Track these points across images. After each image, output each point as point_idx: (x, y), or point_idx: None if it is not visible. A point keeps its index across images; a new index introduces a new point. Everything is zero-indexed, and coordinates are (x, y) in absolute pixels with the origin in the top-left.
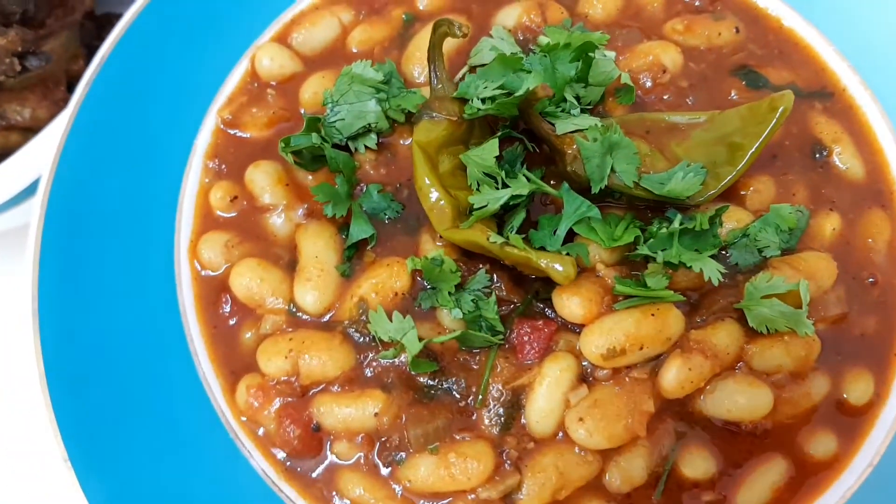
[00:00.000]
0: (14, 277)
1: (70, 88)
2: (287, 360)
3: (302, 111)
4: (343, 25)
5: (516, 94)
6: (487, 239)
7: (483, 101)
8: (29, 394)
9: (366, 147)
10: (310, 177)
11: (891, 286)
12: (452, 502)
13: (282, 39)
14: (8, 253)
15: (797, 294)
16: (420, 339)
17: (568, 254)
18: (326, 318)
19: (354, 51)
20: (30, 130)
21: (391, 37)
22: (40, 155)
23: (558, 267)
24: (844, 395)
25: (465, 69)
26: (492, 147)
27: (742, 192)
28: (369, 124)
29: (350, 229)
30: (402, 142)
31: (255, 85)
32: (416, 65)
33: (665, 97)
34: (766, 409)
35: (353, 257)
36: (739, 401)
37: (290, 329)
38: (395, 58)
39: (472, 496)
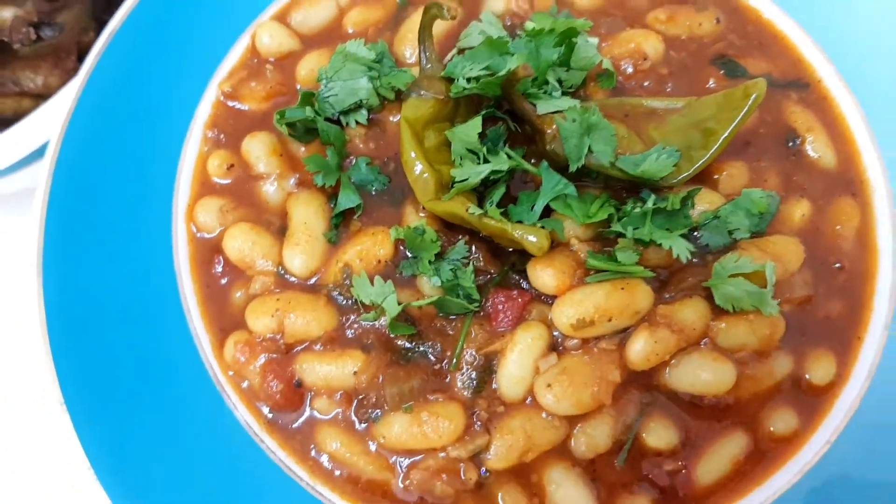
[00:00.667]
0: (22, 236)
1: (80, 59)
2: (273, 319)
3: (298, 86)
4: (340, 7)
5: (499, 74)
6: (467, 210)
7: (468, 80)
8: (29, 393)
9: (356, 122)
10: (302, 148)
11: (857, 272)
12: (424, 460)
13: (281, 18)
14: (17, 213)
15: (763, 274)
16: (399, 304)
17: (543, 227)
18: (312, 281)
19: (350, 31)
20: (41, 97)
21: (385, 19)
22: (49, 120)
23: (532, 238)
24: (807, 375)
25: (454, 51)
26: (475, 124)
27: (715, 177)
28: (361, 100)
29: (338, 198)
30: (391, 118)
31: (255, 60)
32: (408, 46)
33: (645, 83)
34: (729, 384)
35: (340, 225)
36: (703, 375)
37: (278, 290)
38: (388, 39)
39: (443, 454)
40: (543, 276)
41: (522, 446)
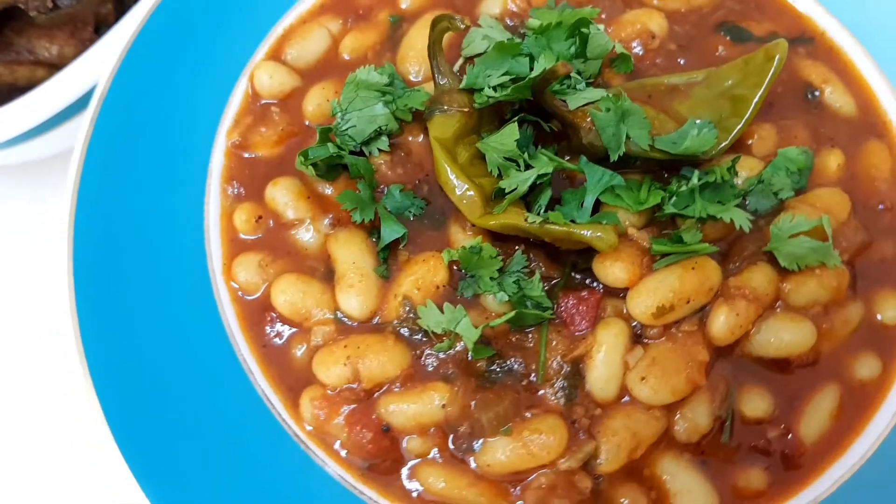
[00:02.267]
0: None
1: (97, 30)
2: (346, 367)
3: (307, 123)
4: (332, 35)
5: (530, 77)
6: (525, 220)
7: (494, 88)
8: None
9: (379, 150)
10: (328, 188)
11: None
12: (535, 479)
13: (276, 56)
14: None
15: (821, 229)
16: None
17: (605, 222)
18: (375, 320)
19: (347, 58)
20: (55, 67)
21: (381, 40)
22: (64, 91)
23: (601, 235)
24: (878, 317)
25: (460, 61)
26: (511, 132)
27: (748, 142)
28: (380, 127)
29: (381, 231)
30: (410, 139)
31: (259, 104)
32: (412, 64)
33: (657, 61)
34: (811, 341)
35: (388, 258)
36: (785, 337)
37: (342, 337)
38: (388, 60)
39: (552, 469)
40: (614, 270)
41: (630, 444)
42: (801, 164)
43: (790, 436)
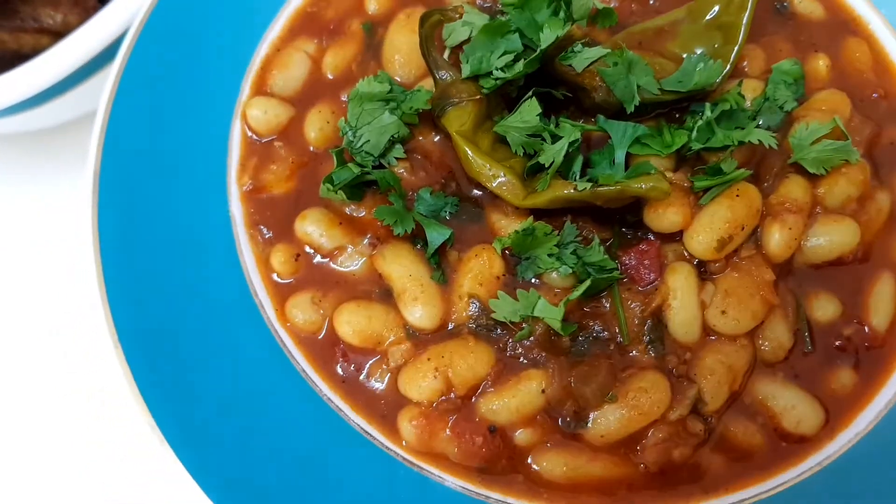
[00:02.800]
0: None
1: None
2: (437, 379)
3: (312, 149)
4: (311, 56)
5: (542, 48)
6: (575, 189)
7: (502, 69)
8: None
9: (396, 158)
10: (357, 209)
11: (891, 94)
12: (651, 436)
13: (261, 90)
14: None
15: (836, 130)
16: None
17: (651, 172)
18: (449, 327)
19: (331, 77)
20: (60, 35)
21: (360, 50)
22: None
23: (654, 185)
24: None
25: (447, 52)
26: (532, 107)
27: (742, 65)
28: (393, 136)
29: (427, 237)
30: (421, 139)
31: (261, 142)
32: (399, 66)
33: (633, 8)
34: (857, 236)
35: (441, 262)
36: (834, 238)
37: (421, 351)
38: (374, 68)
39: (664, 423)
40: (668, 215)
41: (728, 378)
42: (796, 74)
43: (865, 329)
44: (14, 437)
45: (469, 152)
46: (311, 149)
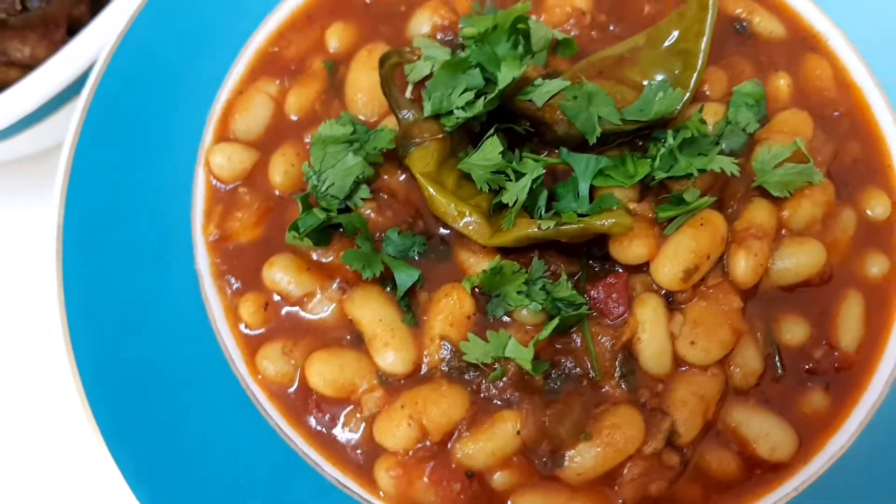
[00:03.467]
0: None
1: (70, 31)
2: (411, 427)
3: (277, 193)
4: (273, 98)
5: (500, 89)
6: (539, 228)
7: (463, 108)
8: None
9: (363, 199)
10: (326, 254)
11: (853, 111)
12: (628, 472)
13: (224, 136)
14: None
15: (798, 152)
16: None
17: (613, 208)
18: (422, 371)
19: (295, 118)
20: (29, 68)
21: (323, 89)
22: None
23: (616, 220)
24: (869, 213)
25: (409, 88)
26: (493, 145)
27: (703, 89)
28: (357, 177)
29: (396, 280)
30: (386, 178)
31: (225, 189)
32: (363, 105)
33: (593, 34)
34: (823, 257)
35: (411, 304)
36: (800, 261)
37: (394, 398)
38: (337, 107)
39: (639, 457)
40: (633, 248)
41: (700, 408)
42: (758, 95)
43: (835, 352)
44: (14, 438)
45: (433, 193)
46: (277, 193)
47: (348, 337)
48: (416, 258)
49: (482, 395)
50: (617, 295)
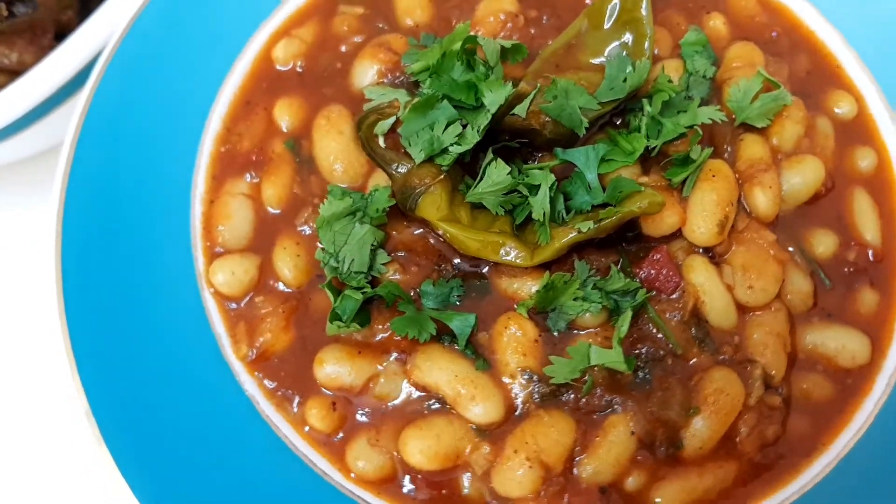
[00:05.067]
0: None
1: (58, 37)
2: (532, 468)
3: (290, 291)
4: (248, 195)
5: (492, 114)
6: (579, 231)
7: (455, 143)
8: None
9: (383, 265)
10: (371, 331)
11: (787, 28)
12: (741, 429)
13: (214, 253)
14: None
15: (764, 82)
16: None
17: (641, 190)
18: (518, 410)
19: (277, 211)
20: (16, 73)
21: (294, 170)
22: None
23: (649, 201)
24: (838, 112)
25: (380, 140)
26: (499, 168)
27: (655, 52)
28: (372, 245)
29: (454, 330)
30: (395, 234)
31: (240, 305)
32: (342, 173)
33: (532, 32)
34: (822, 167)
35: (475, 351)
36: (805, 177)
37: (501, 446)
38: (315, 183)
39: (747, 411)
40: (665, 219)
41: (779, 344)
42: (703, 41)
43: (865, 248)
44: (15, 437)
45: (460, 235)
46: (290, 290)
47: (429, 405)
48: (458, 302)
49: (582, 410)
50: (666, 269)
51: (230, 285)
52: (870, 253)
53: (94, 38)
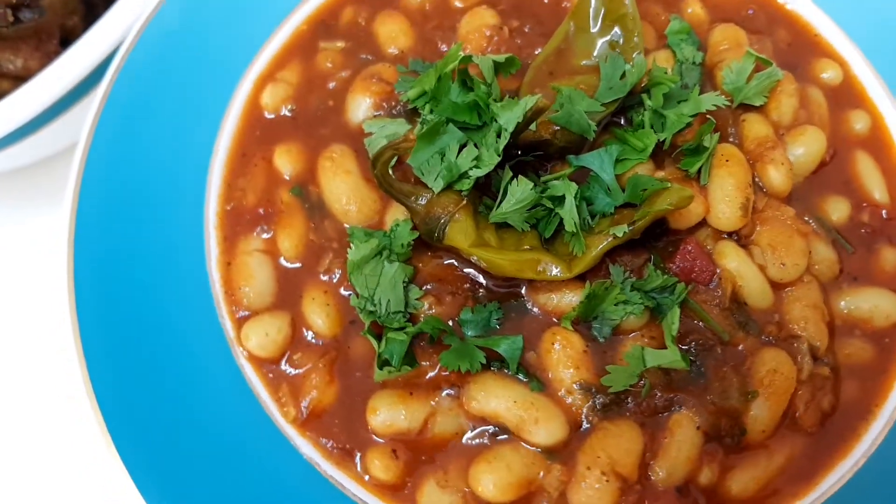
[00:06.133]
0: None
1: (64, 43)
2: (609, 481)
3: (321, 343)
4: (265, 251)
5: (509, 131)
6: (615, 237)
7: (474, 167)
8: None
9: (417, 300)
10: (418, 370)
11: (762, 4)
12: (798, 405)
13: (241, 319)
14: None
15: (756, 62)
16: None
17: (667, 187)
18: (583, 426)
19: (297, 265)
20: (21, 79)
21: (306, 217)
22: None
23: (679, 196)
24: (825, 77)
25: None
26: (522, 185)
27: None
28: (404, 282)
29: (503, 354)
30: (421, 266)
31: (278, 367)
32: (356, 212)
33: (518, 42)
34: (823, 136)
35: (527, 371)
36: (810, 148)
37: (572, 465)
38: (329, 228)
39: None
40: (694, 209)
41: (819, 315)
42: (686, 29)
43: (880, 209)
44: (15, 437)
45: (496, 258)
46: (329, 339)
47: (491, 434)
48: (498, 326)
49: (645, 414)
50: (700, 259)
51: (265, 348)
52: (883, 212)
53: (99, 44)
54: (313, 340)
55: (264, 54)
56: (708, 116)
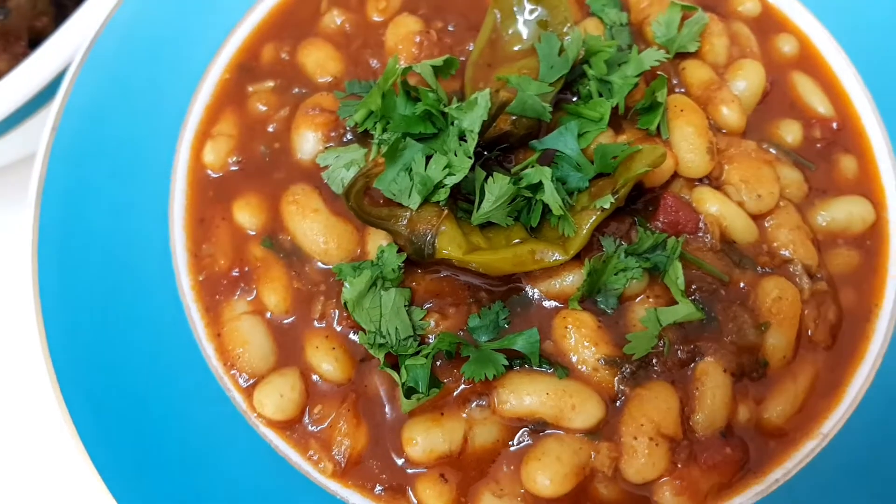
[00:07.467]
0: None
1: (32, 44)
2: (658, 445)
3: (339, 387)
4: (253, 312)
5: (476, 131)
6: (602, 209)
7: (450, 175)
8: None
9: (422, 320)
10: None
11: None
12: (807, 319)
13: (248, 387)
14: None
15: (682, 11)
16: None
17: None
18: (619, 400)
19: (290, 319)
20: None
21: (284, 267)
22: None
23: (655, 156)
24: (742, 11)
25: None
26: (499, 182)
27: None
28: (406, 306)
29: (522, 351)
30: (415, 285)
31: (303, 426)
32: (335, 249)
33: (448, 42)
34: (760, 66)
35: (549, 363)
36: (751, 80)
37: (618, 438)
38: (311, 272)
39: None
40: (666, 165)
41: (803, 235)
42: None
43: (829, 123)
44: (16, 440)
45: (491, 260)
46: (344, 383)
47: (531, 430)
48: (507, 324)
49: (672, 371)
50: (682, 210)
51: (284, 409)
52: (833, 124)
53: (68, 45)
54: (327, 388)
55: (194, 113)
56: (658, 73)
